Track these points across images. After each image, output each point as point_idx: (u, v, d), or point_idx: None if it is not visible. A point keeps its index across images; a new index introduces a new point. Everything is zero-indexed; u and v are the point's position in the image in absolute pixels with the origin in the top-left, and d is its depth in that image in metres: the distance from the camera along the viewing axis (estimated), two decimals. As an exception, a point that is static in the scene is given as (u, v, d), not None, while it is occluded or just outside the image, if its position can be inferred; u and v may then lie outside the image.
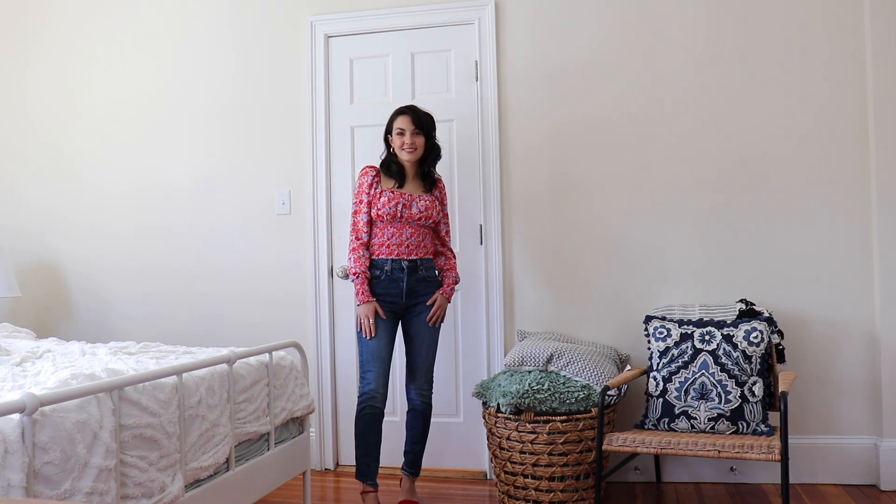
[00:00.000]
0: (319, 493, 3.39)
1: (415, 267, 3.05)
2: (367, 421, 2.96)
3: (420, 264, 3.06)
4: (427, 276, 3.08)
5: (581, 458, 2.90)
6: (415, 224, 3.05)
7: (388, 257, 3.03)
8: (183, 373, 2.20)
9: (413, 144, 3.05)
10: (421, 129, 3.07)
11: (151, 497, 1.97)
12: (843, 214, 3.28)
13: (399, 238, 3.04)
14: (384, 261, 3.04)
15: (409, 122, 3.05)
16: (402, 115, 3.08)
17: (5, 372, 2.29)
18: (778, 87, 3.35)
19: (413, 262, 3.05)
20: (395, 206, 3.01)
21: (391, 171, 3.10)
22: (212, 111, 3.93)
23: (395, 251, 3.03)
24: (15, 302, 4.12)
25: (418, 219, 3.04)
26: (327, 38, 3.78)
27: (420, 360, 3.09)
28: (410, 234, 3.05)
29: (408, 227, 3.05)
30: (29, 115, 4.17)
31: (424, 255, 3.08)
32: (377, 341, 2.99)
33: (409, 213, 3.03)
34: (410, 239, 3.05)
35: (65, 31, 4.14)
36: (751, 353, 2.88)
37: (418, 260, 3.06)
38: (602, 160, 3.49)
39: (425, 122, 3.09)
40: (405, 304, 3.05)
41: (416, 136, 3.06)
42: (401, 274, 3.02)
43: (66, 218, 4.11)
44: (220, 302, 3.88)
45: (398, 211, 3.01)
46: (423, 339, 3.09)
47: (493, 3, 3.58)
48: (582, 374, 3.01)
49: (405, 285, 3.03)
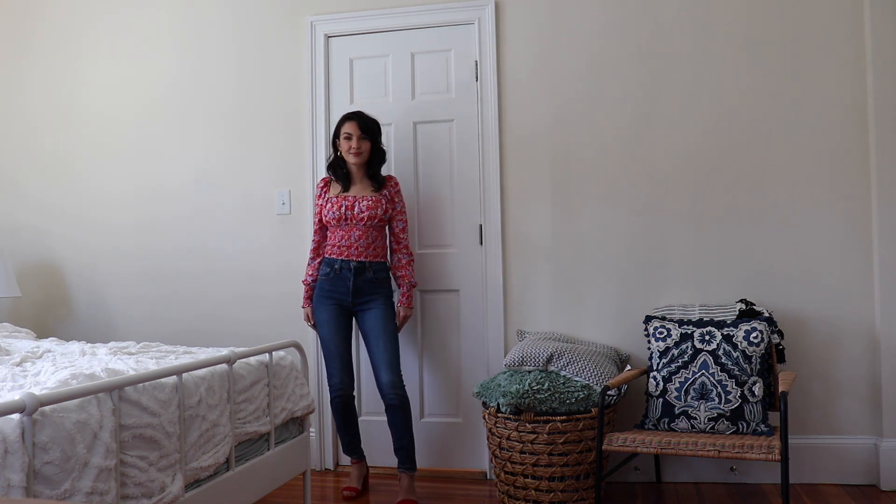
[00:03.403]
0: (319, 493, 3.39)
1: (362, 268, 3.22)
2: (339, 407, 3.28)
3: (368, 266, 3.23)
4: (375, 278, 3.24)
5: (581, 458, 2.90)
6: (361, 225, 3.22)
7: (338, 257, 3.23)
8: (183, 373, 2.20)
9: (359, 148, 3.24)
10: (367, 134, 3.25)
11: (151, 497, 1.97)
12: (843, 214, 3.28)
13: (348, 240, 3.23)
14: (334, 260, 3.24)
15: (355, 128, 3.25)
16: (348, 121, 3.27)
17: (5, 372, 2.29)
18: (778, 87, 3.34)
19: (361, 264, 3.22)
20: (339, 209, 3.22)
21: (338, 175, 3.31)
22: (212, 111, 3.93)
23: (344, 252, 3.23)
24: (15, 302, 4.12)
25: (362, 219, 3.20)
26: (327, 38, 3.78)
27: (380, 353, 3.18)
28: (359, 236, 3.22)
29: (355, 230, 3.22)
30: (29, 114, 4.17)
31: (374, 258, 3.25)
32: (331, 339, 3.24)
33: (353, 214, 3.21)
34: (359, 241, 3.22)
35: (65, 31, 4.13)
36: (751, 353, 2.88)
37: (367, 262, 3.23)
38: (602, 160, 3.49)
39: (371, 127, 3.28)
40: (351, 301, 3.23)
41: (363, 141, 3.25)
42: (348, 273, 3.22)
43: (66, 218, 4.10)
44: (220, 302, 3.88)
45: (342, 213, 3.21)
46: (379, 332, 3.19)
47: (493, 3, 3.58)
48: (582, 374, 3.01)
49: (352, 284, 3.21)
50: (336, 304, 3.24)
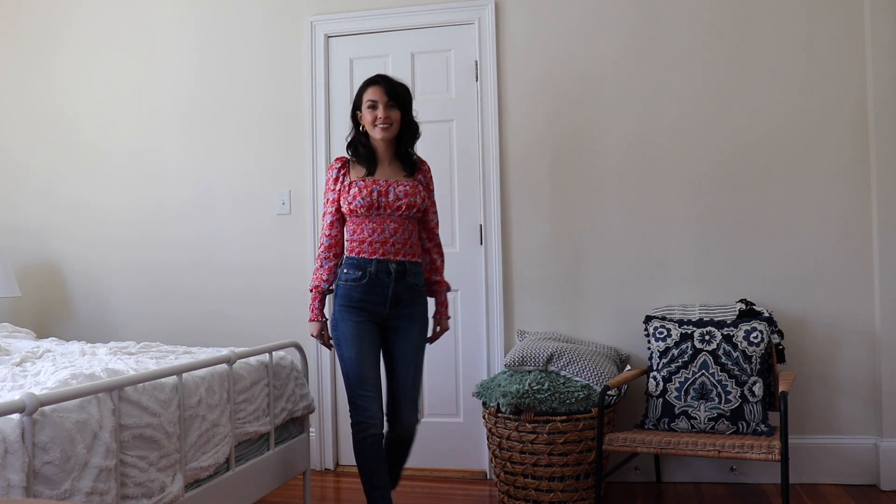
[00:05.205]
0: (319, 493, 3.39)
1: (403, 271, 2.56)
2: (370, 449, 2.50)
3: (409, 269, 2.57)
4: (415, 284, 2.60)
5: (581, 458, 2.90)
6: (397, 216, 2.55)
7: (371, 257, 2.53)
8: (183, 373, 2.20)
9: (387, 119, 2.56)
10: (396, 102, 2.58)
11: (151, 497, 1.97)
12: (843, 214, 3.28)
13: (381, 234, 2.53)
14: (367, 261, 2.53)
15: (381, 93, 2.56)
16: (373, 86, 2.59)
17: (5, 372, 2.29)
18: (778, 87, 3.34)
19: (401, 265, 2.55)
20: (371, 194, 2.52)
21: (359, 154, 2.62)
22: (212, 110, 3.93)
23: (379, 249, 2.53)
24: (15, 302, 4.12)
25: (398, 208, 2.54)
26: (327, 38, 3.78)
27: (406, 387, 2.59)
28: (394, 230, 2.55)
29: (390, 221, 2.54)
30: (29, 114, 4.17)
31: (413, 258, 2.59)
32: (361, 360, 2.51)
33: (387, 202, 2.53)
34: (395, 235, 2.55)
35: (67, 30, 4.13)
36: (751, 353, 2.88)
37: (407, 263, 2.57)
38: (602, 160, 3.49)
39: (401, 93, 2.61)
40: (387, 313, 2.56)
41: (391, 110, 2.57)
42: (386, 278, 2.53)
43: (66, 218, 4.10)
44: (220, 302, 3.88)
45: (374, 200, 2.52)
46: (409, 362, 2.60)
47: (493, 3, 3.58)
48: (582, 374, 3.01)
49: (391, 292, 2.54)
50: (368, 316, 2.55)
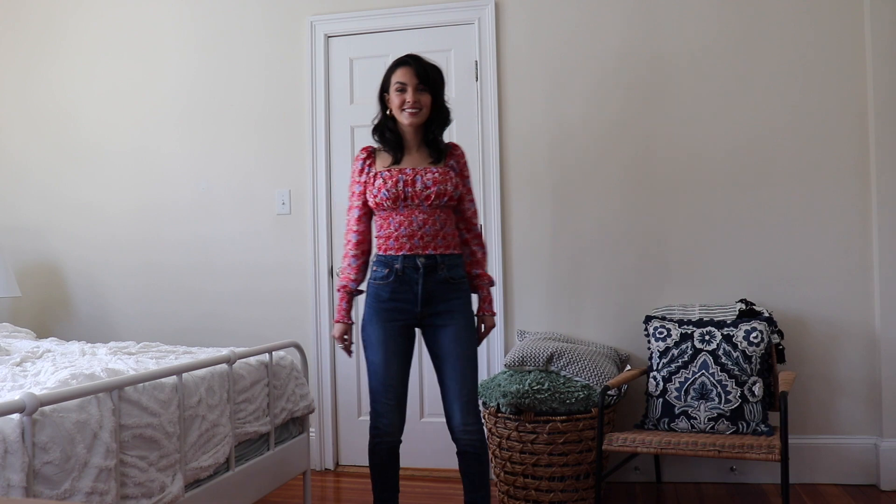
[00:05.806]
0: (319, 493, 3.39)
1: (434, 265, 2.40)
2: (384, 456, 2.47)
3: (441, 262, 2.41)
4: (450, 277, 2.43)
5: (581, 458, 2.90)
6: (426, 206, 2.40)
7: (398, 252, 2.40)
8: (183, 373, 2.20)
9: (416, 103, 2.43)
10: (426, 85, 2.45)
11: (151, 497, 1.97)
12: (843, 214, 3.28)
13: (409, 227, 2.39)
14: (393, 257, 2.40)
15: (411, 75, 2.43)
16: (402, 67, 2.45)
17: (5, 372, 2.29)
18: (778, 87, 3.34)
19: (431, 259, 2.39)
20: (396, 185, 2.39)
21: (386, 140, 2.50)
22: (211, 110, 3.92)
23: (406, 244, 2.39)
24: (15, 302, 4.12)
25: (427, 197, 2.39)
26: (327, 38, 3.78)
27: (456, 387, 2.42)
28: (423, 221, 2.40)
29: (418, 212, 2.40)
30: (29, 114, 4.17)
31: (446, 250, 2.43)
32: (386, 366, 2.42)
33: (414, 192, 2.39)
34: (424, 227, 2.39)
35: (68, 30, 4.13)
36: (751, 353, 2.88)
37: (438, 256, 2.40)
38: (602, 160, 3.49)
39: (433, 75, 2.47)
40: (420, 312, 2.42)
41: (421, 94, 2.44)
42: (414, 274, 2.39)
43: (66, 218, 4.10)
44: (220, 302, 3.88)
45: (399, 191, 2.39)
46: (456, 358, 2.41)
47: (493, 3, 3.58)
48: (582, 374, 3.01)
49: (420, 289, 2.39)
50: (398, 318, 2.43)
